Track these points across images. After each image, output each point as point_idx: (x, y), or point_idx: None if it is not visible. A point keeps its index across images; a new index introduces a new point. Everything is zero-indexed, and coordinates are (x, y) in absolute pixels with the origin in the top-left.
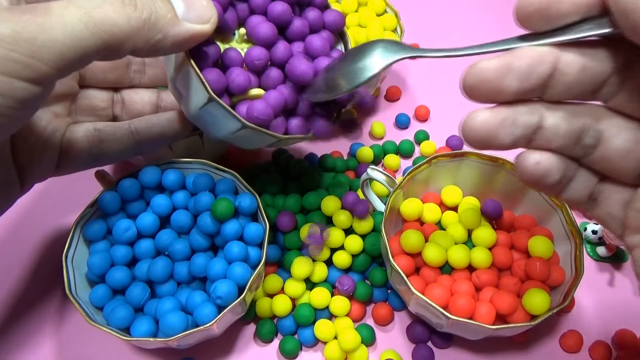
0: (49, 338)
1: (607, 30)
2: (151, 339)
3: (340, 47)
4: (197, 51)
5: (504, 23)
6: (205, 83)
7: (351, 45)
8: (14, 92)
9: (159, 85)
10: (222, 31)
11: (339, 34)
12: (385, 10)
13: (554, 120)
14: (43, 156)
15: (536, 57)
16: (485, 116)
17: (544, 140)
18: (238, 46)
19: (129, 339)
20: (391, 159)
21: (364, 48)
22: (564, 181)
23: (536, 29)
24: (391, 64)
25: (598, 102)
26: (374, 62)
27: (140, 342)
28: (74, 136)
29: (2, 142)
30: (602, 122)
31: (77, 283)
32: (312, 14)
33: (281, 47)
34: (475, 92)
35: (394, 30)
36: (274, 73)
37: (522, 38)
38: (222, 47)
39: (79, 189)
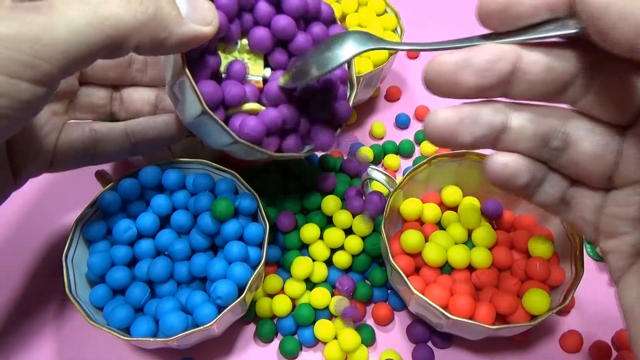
0: (49, 338)
1: (571, 32)
2: (151, 339)
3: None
4: (196, 59)
5: (479, 24)
6: (200, 95)
7: (354, 62)
8: (18, 94)
9: (160, 85)
10: (226, 40)
11: None
12: (385, 10)
13: (520, 121)
14: (38, 153)
15: (496, 53)
16: (445, 114)
17: (510, 142)
18: (239, 56)
19: (129, 339)
20: (391, 159)
21: (337, 38)
22: (533, 184)
23: (498, 29)
24: (359, 53)
25: (565, 105)
26: (344, 52)
27: (140, 342)
28: (69, 136)
29: (1, 142)
30: (570, 125)
31: (77, 283)
32: (317, 29)
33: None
34: (434, 85)
35: (394, 30)
36: (274, 87)
37: (487, 36)
38: (223, 56)
39: (79, 189)
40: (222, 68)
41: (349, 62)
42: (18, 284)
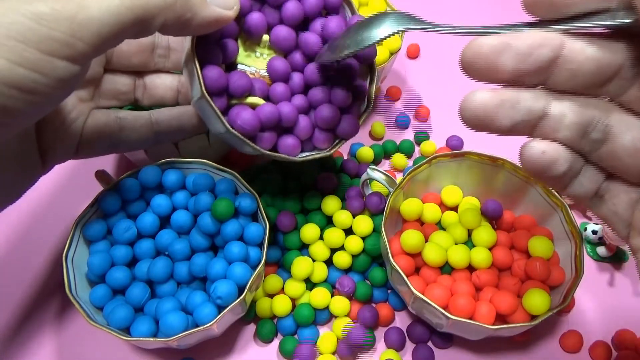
0: (49, 338)
1: (622, 22)
2: (151, 339)
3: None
4: (212, 45)
5: (505, 23)
6: (201, 78)
7: (376, 72)
8: (55, 72)
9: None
10: (248, 33)
11: (369, 66)
12: (386, 10)
13: (560, 109)
14: (65, 138)
15: (538, 39)
16: (484, 96)
17: (549, 129)
18: (260, 50)
19: (129, 339)
20: (398, 158)
21: (374, 18)
22: (569, 174)
23: (544, 17)
24: (396, 32)
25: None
26: (381, 31)
27: (140, 342)
28: (96, 122)
29: (34, 121)
30: (611, 117)
31: (77, 283)
32: (334, 23)
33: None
34: (472, 68)
35: None
36: (280, 88)
37: (533, 24)
38: (243, 49)
39: (79, 189)
40: (239, 58)
41: (371, 78)
42: (18, 284)
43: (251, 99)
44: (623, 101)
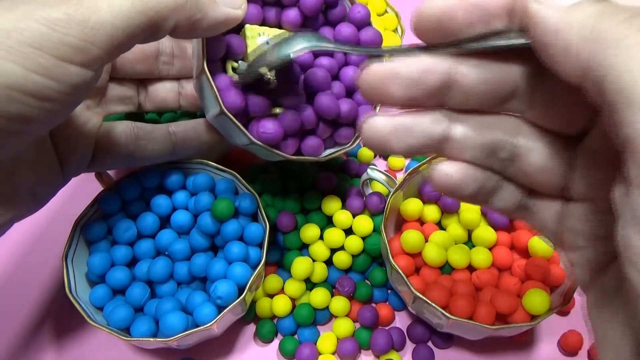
0: (49, 338)
1: (515, 43)
2: (151, 339)
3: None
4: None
5: (403, 45)
6: (219, 96)
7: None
8: (68, 78)
9: (186, 77)
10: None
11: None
12: (386, 11)
13: (463, 131)
14: (78, 147)
15: (425, 66)
16: (378, 122)
17: (455, 150)
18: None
19: (129, 339)
20: (395, 159)
21: (288, 37)
22: (483, 192)
23: (434, 42)
24: (304, 49)
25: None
26: (293, 48)
27: (140, 342)
28: (112, 130)
29: (49, 129)
30: (517, 136)
31: (77, 283)
32: (347, 30)
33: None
34: (367, 95)
35: (395, 31)
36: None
37: (426, 48)
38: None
39: (79, 189)
40: (249, 50)
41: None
42: (18, 284)
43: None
44: (528, 117)
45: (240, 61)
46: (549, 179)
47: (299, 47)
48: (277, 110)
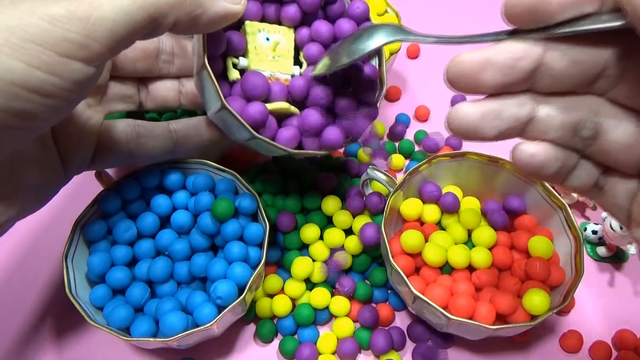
0: (49, 338)
1: (608, 25)
2: (151, 339)
3: (375, 62)
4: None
5: (506, 24)
6: (220, 92)
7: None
8: (70, 74)
9: (186, 76)
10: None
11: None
12: (386, 11)
13: (548, 111)
14: (80, 145)
15: (519, 52)
16: (467, 110)
17: (538, 132)
18: (272, 54)
19: (129, 339)
20: (396, 159)
21: (367, 30)
22: (563, 171)
23: (526, 27)
24: (387, 43)
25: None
26: (374, 42)
27: (140, 342)
28: (113, 128)
29: (51, 125)
30: (601, 115)
31: (77, 283)
32: (346, 26)
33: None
34: (455, 84)
35: None
36: (298, 83)
37: (513, 32)
38: (254, 54)
39: (79, 189)
40: (253, 65)
41: (380, 61)
42: (18, 284)
43: (274, 105)
44: (611, 97)
45: (240, 57)
46: (630, 156)
47: (382, 41)
48: (281, 105)
